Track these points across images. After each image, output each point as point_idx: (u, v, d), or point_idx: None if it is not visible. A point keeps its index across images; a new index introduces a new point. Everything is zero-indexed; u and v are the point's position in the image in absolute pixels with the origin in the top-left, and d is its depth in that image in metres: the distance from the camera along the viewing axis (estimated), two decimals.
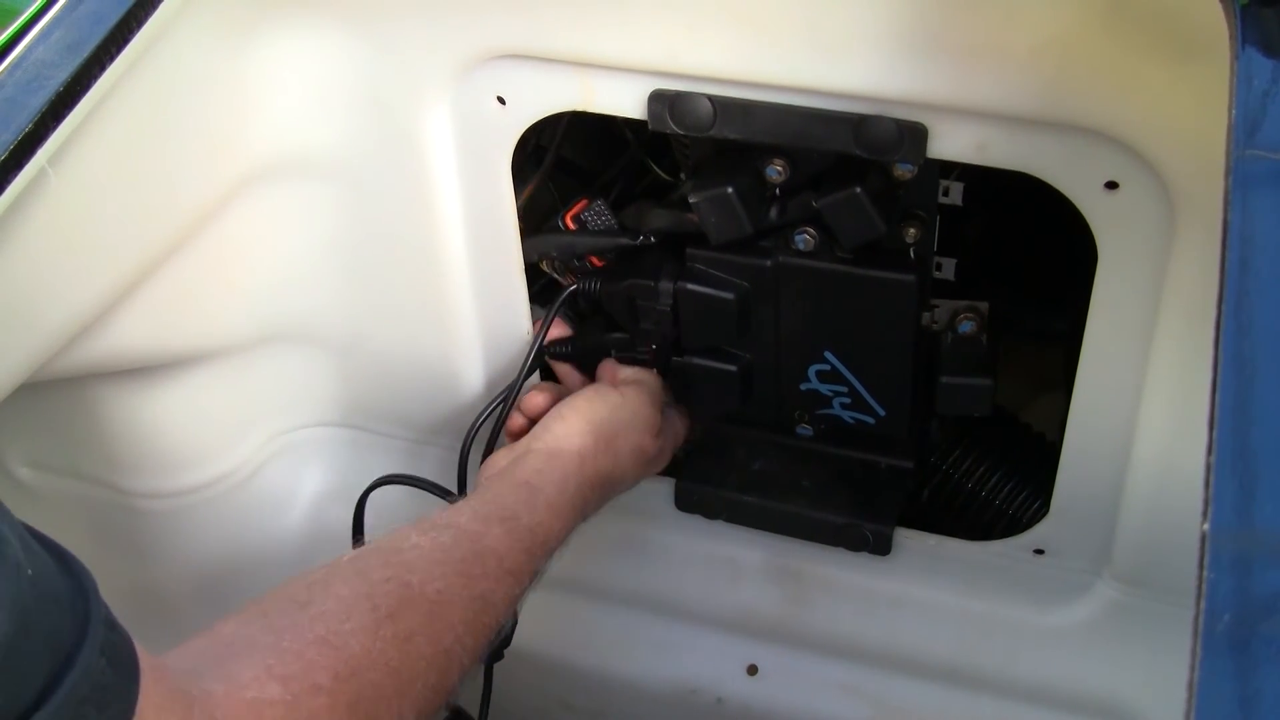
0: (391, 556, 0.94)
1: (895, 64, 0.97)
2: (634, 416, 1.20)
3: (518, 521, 1.04)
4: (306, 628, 0.84)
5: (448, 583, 0.94)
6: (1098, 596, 1.21)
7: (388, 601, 0.89)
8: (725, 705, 1.37)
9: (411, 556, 0.95)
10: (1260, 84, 0.74)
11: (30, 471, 1.41)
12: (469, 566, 0.97)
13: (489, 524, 1.02)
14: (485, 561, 0.99)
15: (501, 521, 1.03)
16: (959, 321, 1.17)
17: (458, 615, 0.94)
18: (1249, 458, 0.59)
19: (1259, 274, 0.65)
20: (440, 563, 0.95)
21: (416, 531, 0.98)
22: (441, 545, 0.97)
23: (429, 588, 0.92)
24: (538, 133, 1.26)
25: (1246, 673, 0.54)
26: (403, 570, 0.93)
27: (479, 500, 1.06)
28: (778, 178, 1.11)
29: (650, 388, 1.23)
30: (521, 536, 1.03)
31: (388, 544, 0.96)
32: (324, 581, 0.90)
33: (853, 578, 1.31)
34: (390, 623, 0.88)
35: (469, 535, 1.00)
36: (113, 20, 0.95)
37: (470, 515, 1.02)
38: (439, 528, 0.99)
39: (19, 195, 0.91)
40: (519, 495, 1.07)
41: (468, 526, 1.01)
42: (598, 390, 1.21)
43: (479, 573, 0.97)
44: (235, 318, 1.27)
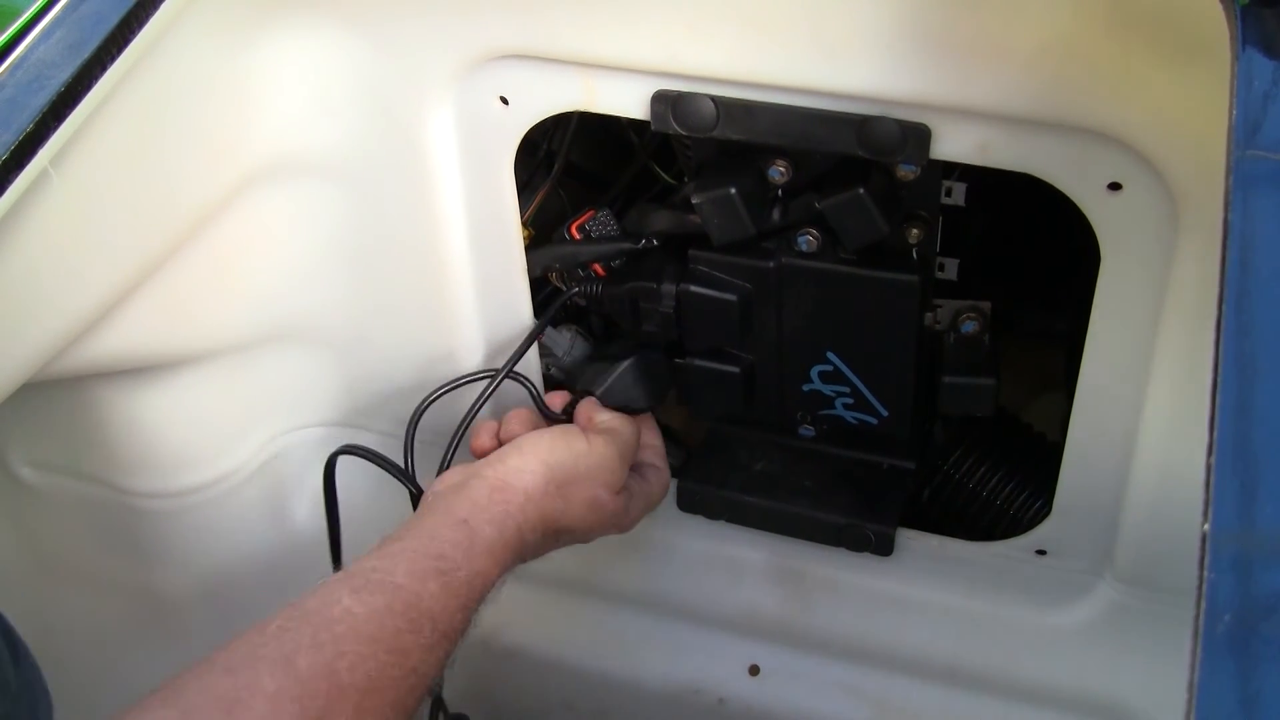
0: (321, 632, 0.88)
1: (898, 65, 0.97)
2: (596, 467, 1.13)
3: (455, 575, 0.98)
4: None
5: (379, 663, 0.88)
6: (1100, 597, 1.21)
7: (316, 703, 0.84)
8: (727, 705, 1.37)
9: (342, 630, 0.89)
10: (1261, 85, 0.74)
11: (32, 471, 1.41)
12: (403, 639, 0.91)
13: (425, 580, 0.96)
14: (420, 629, 0.93)
15: (439, 575, 0.97)
16: (961, 322, 1.17)
17: (389, 699, 0.88)
18: (1250, 458, 0.59)
19: (1259, 274, 0.65)
20: (373, 639, 0.89)
21: (349, 590, 0.92)
22: (375, 613, 0.91)
23: (359, 673, 0.87)
24: (548, 139, 1.26)
25: (1247, 673, 0.54)
26: (332, 654, 0.87)
27: (415, 544, 0.99)
28: (780, 179, 1.11)
29: (622, 441, 1.17)
30: (459, 591, 0.97)
31: (317, 608, 0.90)
32: (249, 670, 0.84)
33: (855, 578, 1.31)
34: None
35: (404, 597, 0.93)
36: (114, 20, 0.95)
37: (406, 568, 0.96)
38: (373, 587, 0.93)
39: (21, 195, 0.91)
40: (456, 537, 1.01)
41: (404, 584, 0.94)
42: (566, 432, 1.15)
43: (413, 644, 0.92)
44: (237, 318, 1.27)
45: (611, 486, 1.14)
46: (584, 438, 1.14)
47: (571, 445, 1.12)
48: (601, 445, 1.14)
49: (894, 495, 1.29)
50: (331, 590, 0.92)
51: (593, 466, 1.12)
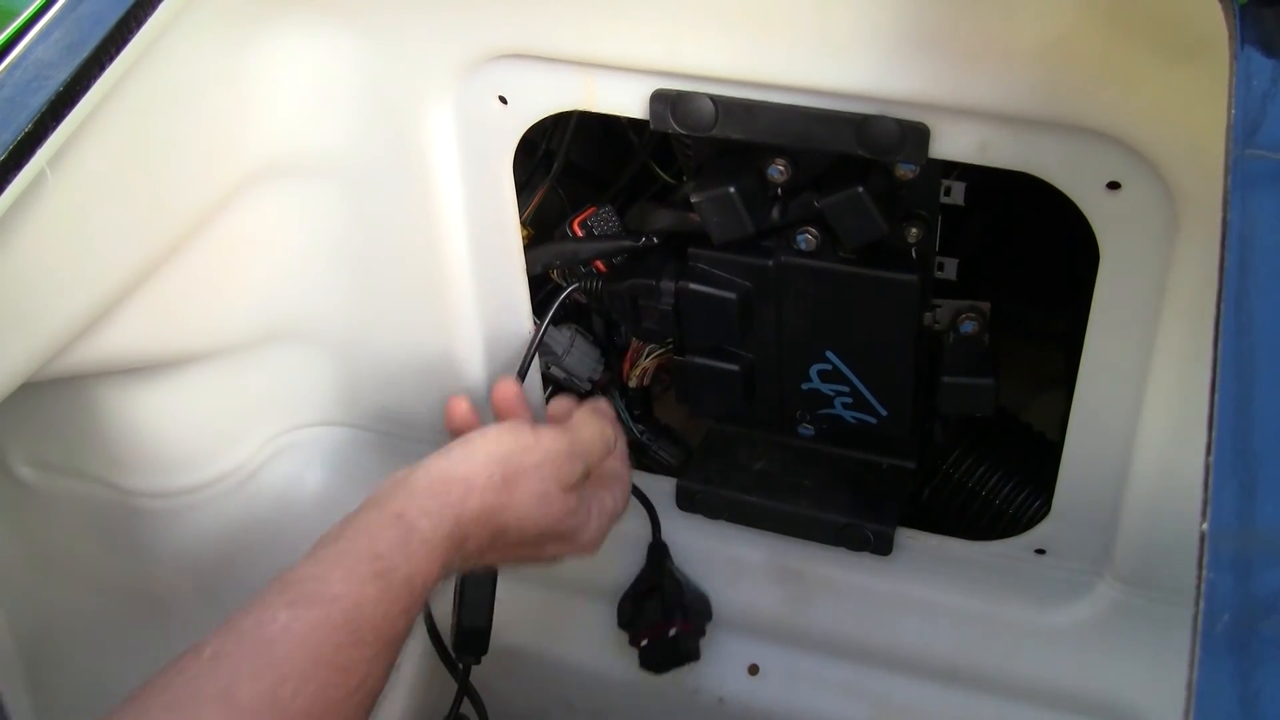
0: (259, 656, 0.84)
1: (897, 64, 0.97)
2: (545, 460, 1.06)
3: (393, 575, 0.93)
4: None
5: (321, 684, 0.85)
6: (1099, 596, 1.21)
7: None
8: (726, 705, 1.37)
9: (281, 653, 0.85)
10: (1260, 84, 0.73)
11: (31, 471, 1.41)
12: (345, 654, 0.87)
13: (363, 585, 0.91)
14: (362, 641, 0.89)
15: (376, 579, 0.92)
16: (961, 321, 1.17)
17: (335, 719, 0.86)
18: (1249, 457, 0.59)
19: (1258, 274, 0.65)
20: (314, 659, 0.85)
21: (284, 604, 0.87)
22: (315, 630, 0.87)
23: (302, 698, 0.83)
24: (547, 138, 1.26)
25: (1246, 672, 0.54)
26: (273, 682, 0.83)
27: (350, 545, 0.94)
28: (780, 177, 1.11)
29: (576, 437, 1.11)
30: (399, 595, 0.93)
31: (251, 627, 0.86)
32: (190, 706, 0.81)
33: (854, 578, 1.31)
34: None
35: (342, 607, 0.89)
36: (113, 20, 0.95)
37: (343, 574, 0.91)
38: (309, 599, 0.88)
39: (20, 195, 0.91)
40: (391, 534, 0.96)
41: (341, 593, 0.90)
42: (514, 426, 1.09)
43: (356, 659, 0.88)
44: (236, 317, 1.27)
45: (560, 481, 1.08)
46: (531, 431, 1.08)
47: (519, 437, 1.07)
48: (550, 439, 1.08)
49: (893, 495, 1.29)
50: (267, 606, 0.88)
51: (540, 460, 1.06)
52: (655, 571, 1.34)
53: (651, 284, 1.20)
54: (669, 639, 1.30)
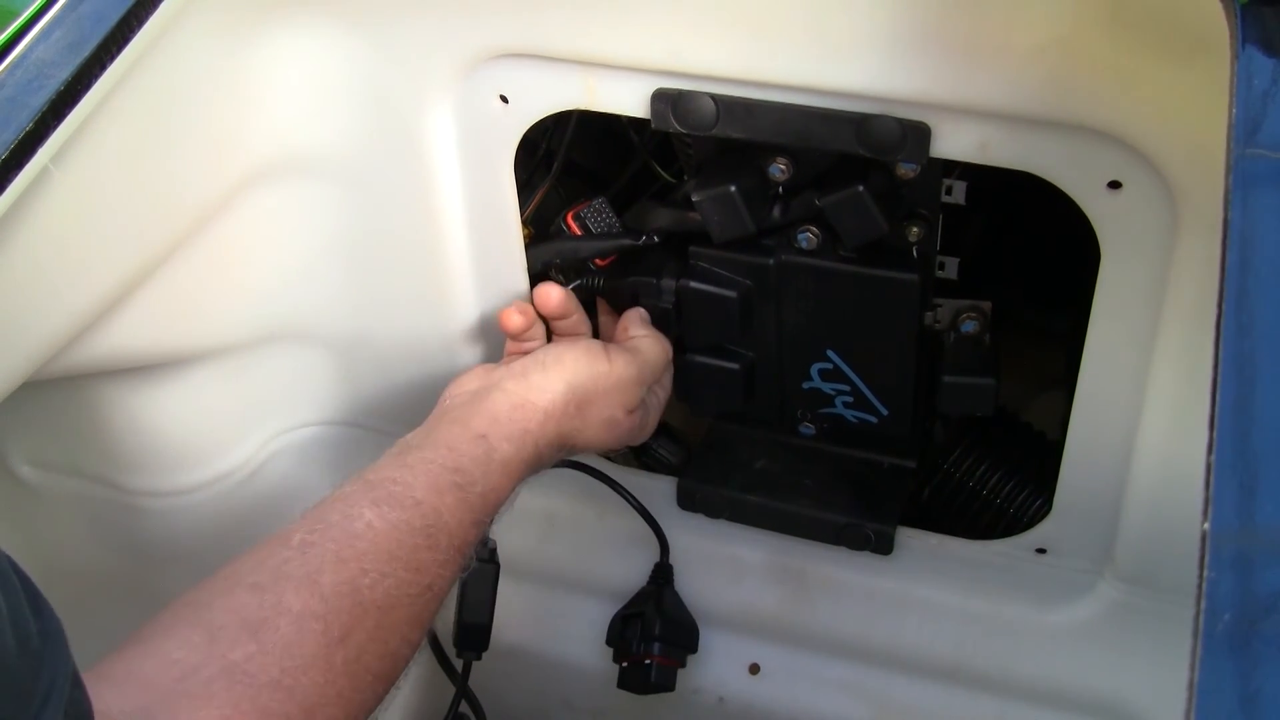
0: (344, 548, 0.90)
1: (898, 63, 0.96)
2: (615, 388, 1.13)
3: (471, 489, 0.99)
4: (259, 666, 0.81)
5: (398, 580, 0.90)
6: (1100, 596, 1.21)
7: (340, 621, 0.85)
8: (727, 704, 1.37)
9: (364, 546, 0.90)
10: (1261, 83, 0.73)
11: (32, 470, 1.41)
12: (421, 556, 0.93)
13: (443, 494, 0.97)
14: (437, 544, 0.95)
15: (456, 490, 0.98)
16: (962, 321, 1.17)
17: (405, 615, 0.91)
18: (1249, 457, 0.59)
19: (1259, 273, 0.65)
20: (393, 556, 0.91)
21: (370, 503, 0.93)
22: (395, 529, 0.93)
23: (379, 591, 0.89)
24: (548, 138, 1.26)
25: (1247, 672, 0.54)
26: (355, 571, 0.89)
27: (434, 454, 1.00)
28: (781, 176, 1.11)
29: (645, 362, 1.17)
30: (474, 506, 0.99)
31: (340, 521, 0.92)
32: (275, 587, 0.86)
33: (855, 577, 1.31)
34: (342, 646, 0.85)
35: (423, 513, 0.95)
36: (114, 19, 0.95)
37: (425, 482, 0.97)
38: (394, 501, 0.94)
39: (20, 195, 0.91)
40: (475, 452, 1.02)
41: (423, 500, 0.96)
42: (589, 349, 1.13)
43: (430, 561, 0.94)
44: (237, 316, 1.27)
45: (627, 407, 1.15)
46: (606, 357, 1.13)
47: (594, 364, 1.12)
48: (622, 366, 1.14)
49: (894, 494, 1.29)
50: (353, 502, 0.94)
51: (611, 388, 1.13)
52: (650, 596, 1.34)
53: (652, 282, 1.20)
54: (645, 666, 1.30)
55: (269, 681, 0.80)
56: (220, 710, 0.77)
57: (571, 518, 1.40)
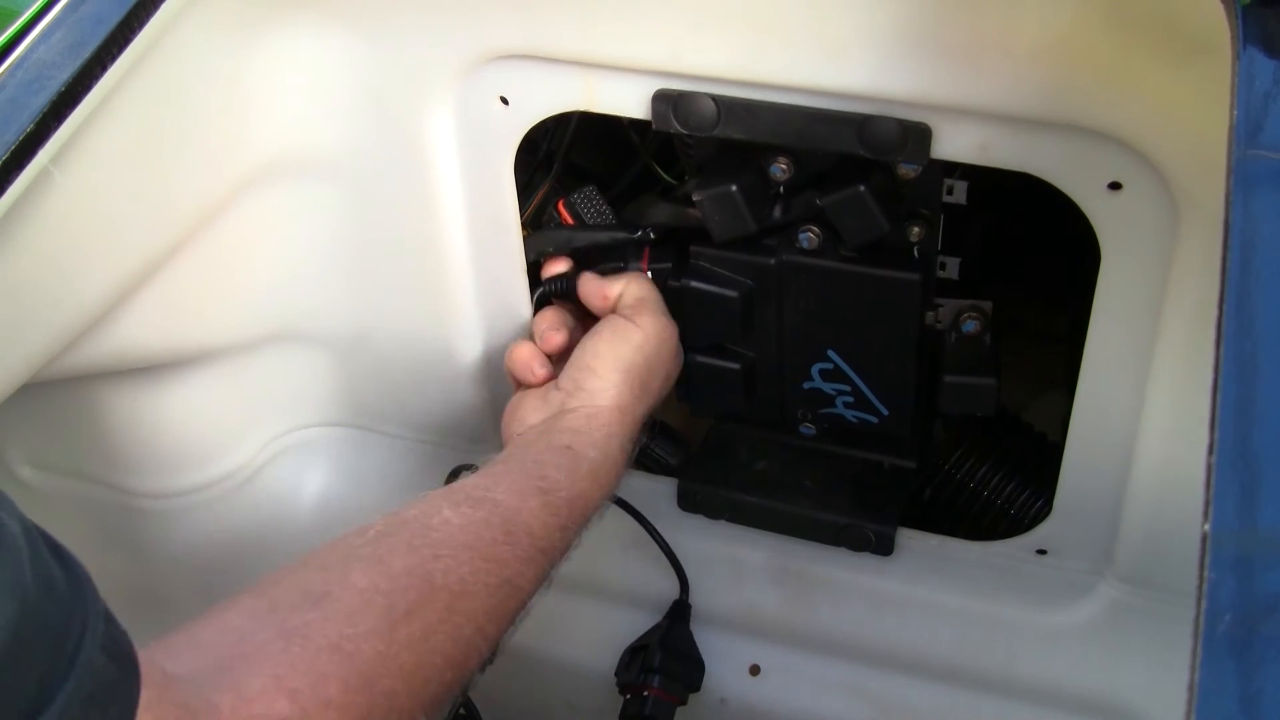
0: (417, 537, 0.90)
1: (898, 64, 0.97)
2: (660, 346, 1.14)
3: (557, 494, 0.99)
4: (318, 630, 0.80)
5: (474, 568, 0.90)
6: (1100, 597, 1.21)
7: (406, 598, 0.85)
8: (728, 705, 1.37)
9: (439, 537, 0.90)
10: (1262, 84, 0.73)
11: (32, 471, 1.41)
12: (499, 549, 0.93)
13: (526, 498, 0.97)
14: (517, 541, 0.94)
15: (540, 494, 0.98)
16: (962, 321, 1.17)
17: (481, 605, 0.90)
18: (1250, 458, 0.59)
19: (1260, 274, 0.65)
20: (468, 545, 0.91)
21: (449, 503, 0.94)
22: (472, 524, 0.93)
23: (452, 577, 0.88)
24: (548, 139, 1.26)
25: (1247, 673, 0.54)
26: (427, 557, 0.88)
27: (519, 466, 1.01)
28: (782, 176, 1.11)
29: (652, 301, 1.17)
30: (559, 510, 0.99)
31: (416, 516, 0.92)
32: (342, 567, 0.85)
33: (855, 578, 1.31)
34: (407, 622, 0.84)
35: (503, 512, 0.95)
36: (114, 21, 0.95)
37: (508, 486, 0.98)
38: (473, 501, 0.95)
39: (21, 195, 0.91)
40: (561, 461, 1.03)
41: (504, 500, 0.96)
42: (614, 328, 1.13)
43: (508, 556, 0.93)
44: (238, 317, 1.27)
45: (672, 348, 1.17)
46: (632, 323, 1.13)
47: (630, 340, 1.12)
48: (649, 323, 1.14)
49: (894, 495, 1.29)
50: (432, 502, 0.94)
51: (655, 348, 1.14)
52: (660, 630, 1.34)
53: (620, 266, 1.21)
54: (644, 698, 1.30)
55: (327, 645, 0.79)
56: (275, 670, 0.76)
57: None
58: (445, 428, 1.37)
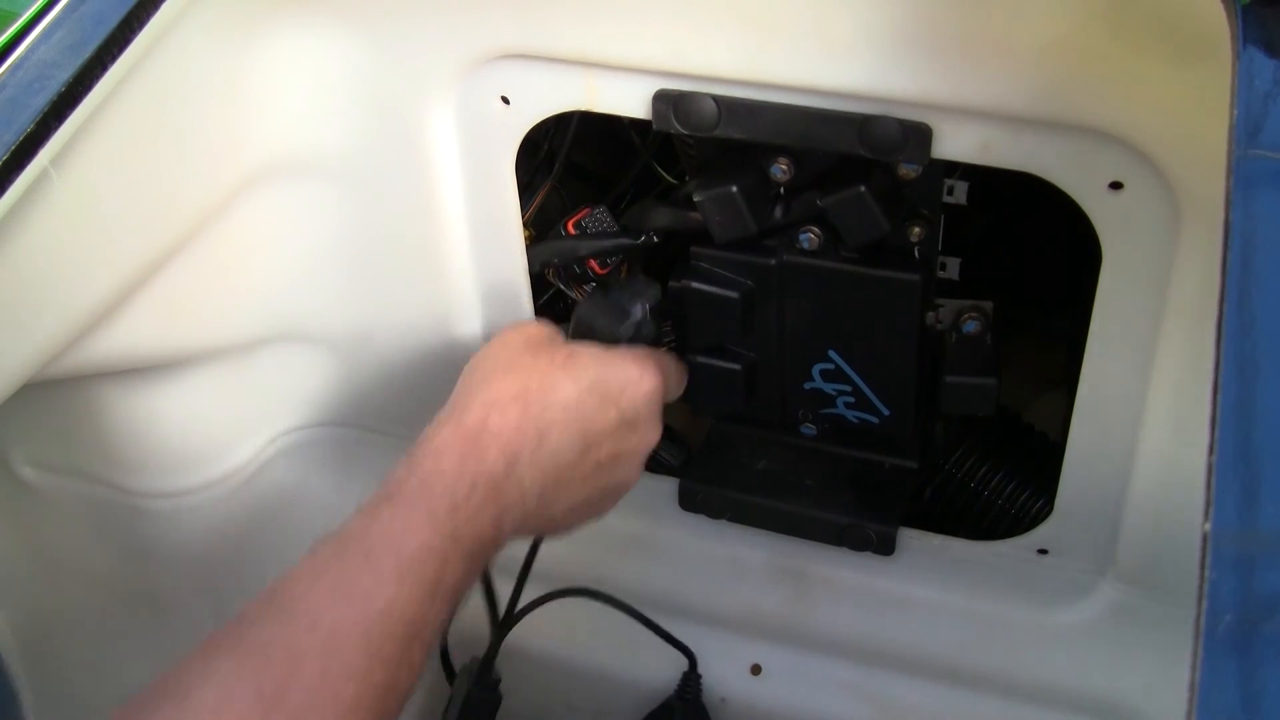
0: (273, 603, 0.84)
1: (899, 64, 0.97)
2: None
3: (402, 487, 0.93)
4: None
5: (336, 616, 0.83)
6: (1102, 596, 1.21)
7: (272, 676, 0.79)
8: (729, 705, 1.37)
9: (295, 592, 0.85)
10: (1262, 84, 0.73)
11: (33, 471, 1.41)
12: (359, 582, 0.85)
13: (373, 512, 0.91)
14: (379, 563, 0.86)
15: (386, 500, 0.92)
16: (963, 321, 1.17)
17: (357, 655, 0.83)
18: (1251, 457, 0.59)
19: (1260, 274, 0.65)
20: (327, 590, 0.84)
21: (306, 553, 0.88)
22: (325, 564, 0.86)
23: (317, 633, 0.82)
24: (549, 139, 1.26)
25: (1248, 673, 0.54)
26: (285, 620, 0.83)
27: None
28: (782, 177, 1.11)
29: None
30: (415, 503, 0.92)
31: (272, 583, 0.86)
32: (204, 662, 0.80)
33: (856, 578, 1.31)
34: (279, 707, 0.78)
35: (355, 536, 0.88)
36: (114, 21, 0.95)
37: (357, 510, 0.92)
38: (325, 538, 0.89)
39: (21, 196, 0.91)
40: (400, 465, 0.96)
41: (352, 526, 0.90)
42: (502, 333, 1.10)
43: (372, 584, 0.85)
44: (238, 317, 1.27)
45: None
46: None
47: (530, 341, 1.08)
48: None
49: (895, 494, 1.29)
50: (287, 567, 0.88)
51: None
52: (670, 707, 1.35)
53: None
54: None
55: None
56: None
57: None
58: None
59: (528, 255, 1.23)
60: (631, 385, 1.06)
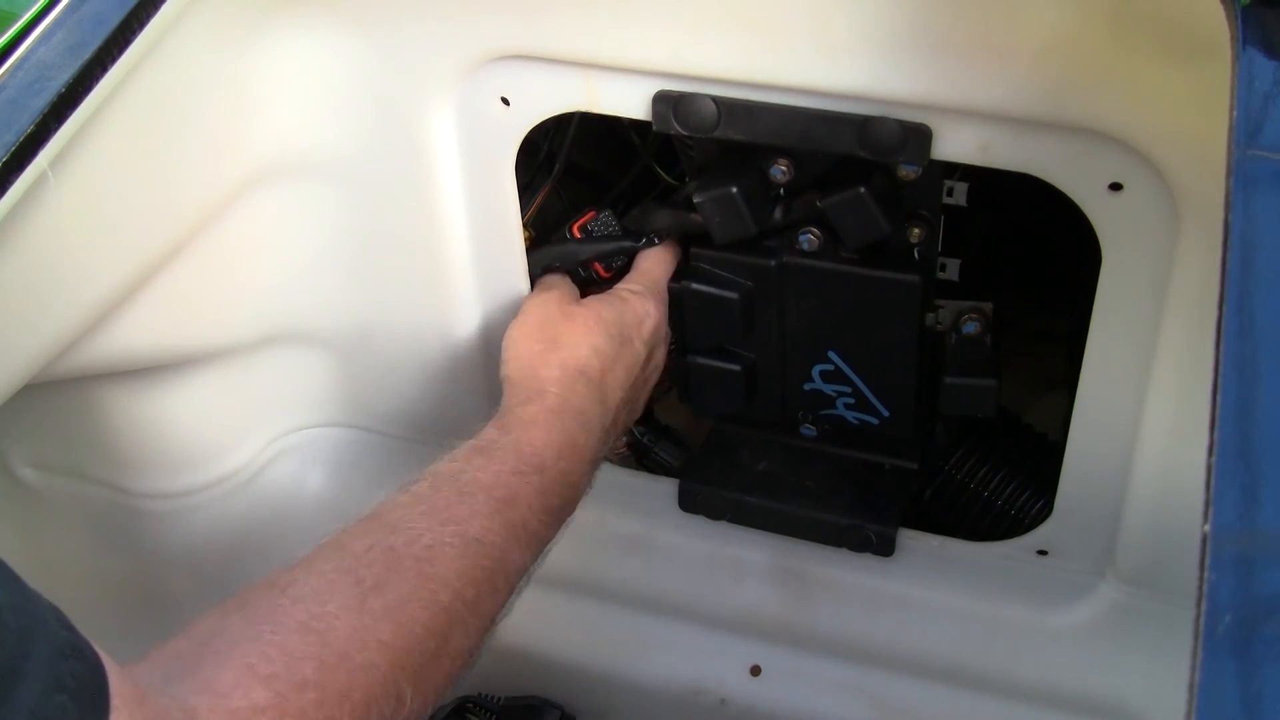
0: (373, 523, 0.91)
1: (899, 65, 0.97)
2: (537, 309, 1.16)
3: (495, 446, 1.00)
4: (287, 614, 0.80)
5: (434, 535, 0.90)
6: (1101, 597, 1.21)
7: (372, 571, 0.85)
8: (729, 706, 1.37)
9: (393, 516, 0.91)
10: (1262, 85, 0.73)
11: (34, 472, 1.41)
12: (455, 510, 0.93)
13: (466, 459, 0.98)
14: (473, 498, 0.95)
15: (479, 453, 0.99)
16: (963, 322, 1.17)
17: (451, 567, 0.89)
18: (1250, 458, 0.59)
19: (1260, 275, 0.65)
20: (423, 514, 0.92)
21: (398, 491, 0.95)
22: (421, 495, 0.94)
23: (416, 546, 0.89)
24: (549, 140, 1.26)
25: (1248, 673, 0.54)
26: (385, 533, 0.89)
27: (454, 449, 1.02)
28: (782, 178, 1.11)
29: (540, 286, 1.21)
30: (505, 458, 0.99)
31: (370, 511, 0.93)
32: (306, 562, 0.86)
33: (856, 578, 1.31)
34: (377, 594, 0.84)
35: (447, 476, 0.96)
36: (115, 22, 0.95)
37: (448, 459, 0.99)
38: (416, 481, 0.96)
39: (22, 196, 0.91)
40: (492, 427, 1.04)
41: (445, 468, 0.97)
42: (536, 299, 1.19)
43: (466, 514, 0.93)
44: (239, 318, 1.27)
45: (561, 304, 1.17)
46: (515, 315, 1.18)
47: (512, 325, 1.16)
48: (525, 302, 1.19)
49: (895, 496, 1.29)
50: (383, 499, 0.95)
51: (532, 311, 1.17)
52: None
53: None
54: None
55: (296, 625, 0.80)
56: (245, 659, 0.76)
57: (572, 519, 1.40)
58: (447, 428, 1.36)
59: (529, 259, 1.23)
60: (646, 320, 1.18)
